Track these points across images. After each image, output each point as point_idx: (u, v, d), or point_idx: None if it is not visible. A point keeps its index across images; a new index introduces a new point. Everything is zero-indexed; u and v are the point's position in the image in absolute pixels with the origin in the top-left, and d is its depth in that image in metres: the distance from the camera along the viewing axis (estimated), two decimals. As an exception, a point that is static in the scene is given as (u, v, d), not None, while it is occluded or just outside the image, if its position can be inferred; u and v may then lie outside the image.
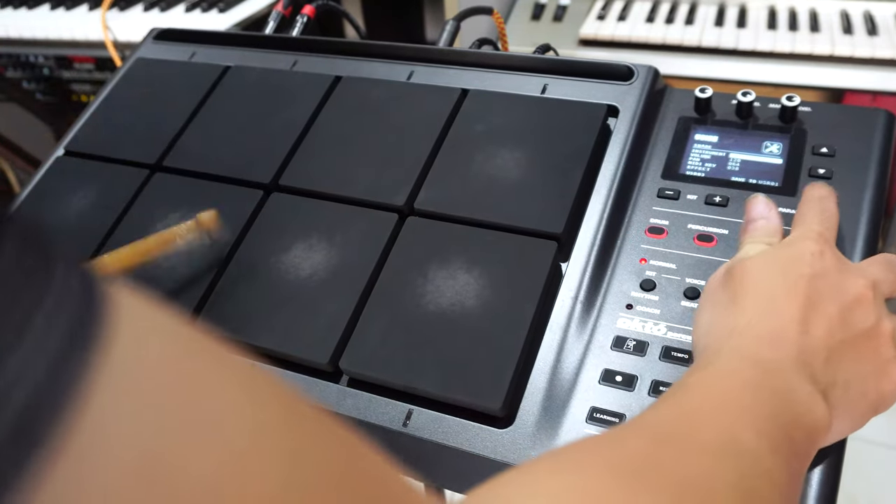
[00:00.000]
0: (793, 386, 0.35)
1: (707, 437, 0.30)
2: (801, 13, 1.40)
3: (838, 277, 0.40)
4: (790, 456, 0.32)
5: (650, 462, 0.28)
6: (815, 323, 0.37)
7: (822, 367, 0.37)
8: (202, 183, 0.61)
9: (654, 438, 0.30)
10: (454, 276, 0.50)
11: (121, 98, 0.71)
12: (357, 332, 0.49)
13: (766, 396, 0.33)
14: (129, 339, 0.15)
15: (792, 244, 0.42)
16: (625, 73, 0.59)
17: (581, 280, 0.49)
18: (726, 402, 0.33)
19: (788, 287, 0.39)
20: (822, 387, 0.36)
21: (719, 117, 0.58)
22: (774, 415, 0.33)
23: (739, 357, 0.36)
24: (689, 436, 0.31)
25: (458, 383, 0.45)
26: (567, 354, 0.47)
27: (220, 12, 1.26)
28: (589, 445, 0.31)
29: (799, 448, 0.33)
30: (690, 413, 0.33)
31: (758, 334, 0.37)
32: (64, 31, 1.25)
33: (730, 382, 0.34)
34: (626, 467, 0.28)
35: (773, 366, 0.35)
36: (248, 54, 0.70)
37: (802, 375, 0.35)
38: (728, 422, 0.31)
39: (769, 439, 0.31)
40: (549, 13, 1.52)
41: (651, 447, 0.30)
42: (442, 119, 0.59)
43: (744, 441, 0.31)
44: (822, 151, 0.54)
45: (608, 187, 0.53)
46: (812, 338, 0.37)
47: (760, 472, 0.30)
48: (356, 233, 0.54)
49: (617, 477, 0.27)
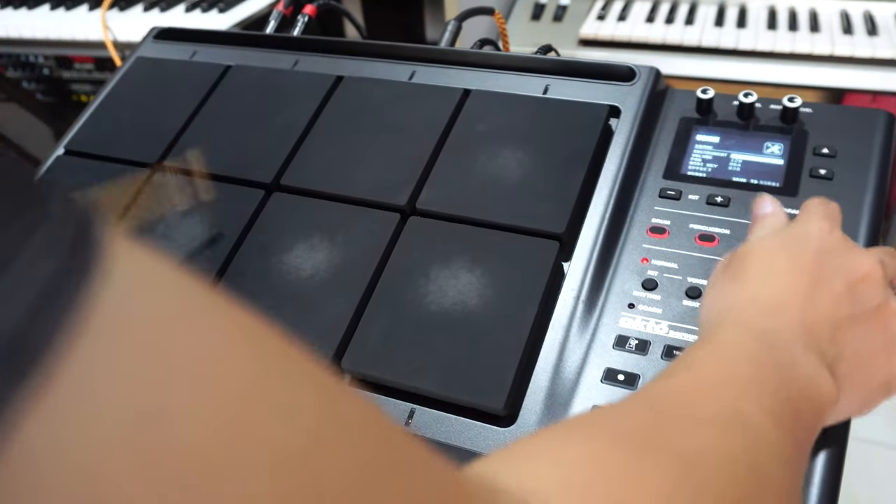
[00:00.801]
0: (796, 358, 0.34)
1: (711, 411, 0.30)
2: (801, 13, 1.40)
3: (846, 254, 0.39)
4: (796, 428, 0.32)
5: (655, 434, 0.28)
6: (820, 296, 0.37)
7: (827, 340, 0.36)
8: (202, 183, 0.61)
9: (658, 412, 0.30)
10: (456, 275, 0.50)
11: (121, 98, 0.71)
12: (359, 331, 0.49)
13: (769, 370, 0.33)
14: (123, 283, 0.15)
15: (798, 224, 0.42)
16: (626, 74, 0.59)
17: (583, 279, 0.49)
18: (729, 376, 0.33)
19: (793, 262, 0.39)
20: (828, 360, 0.35)
21: (721, 118, 0.58)
22: (778, 388, 0.32)
23: (742, 330, 0.36)
24: (692, 410, 0.31)
25: (461, 382, 0.45)
26: (569, 353, 0.47)
27: (220, 12, 1.26)
28: (597, 417, 0.32)
29: (805, 420, 0.33)
30: (693, 387, 0.32)
31: (761, 306, 0.37)
32: (64, 31, 1.25)
33: (732, 357, 0.34)
34: (633, 439, 0.28)
35: (775, 337, 0.35)
36: (249, 54, 0.70)
37: (807, 347, 0.35)
38: (731, 396, 0.31)
39: (773, 413, 0.31)
40: (549, 13, 1.52)
41: (656, 420, 0.30)
42: (444, 119, 0.59)
43: (748, 415, 0.30)
44: (823, 152, 0.54)
45: (610, 187, 0.53)
46: (817, 310, 0.36)
47: (765, 446, 0.30)
48: (358, 232, 0.54)
49: (624, 448, 0.27)
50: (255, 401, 0.16)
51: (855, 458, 0.74)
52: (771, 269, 0.39)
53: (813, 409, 0.34)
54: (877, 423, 0.39)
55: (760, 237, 0.42)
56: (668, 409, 0.31)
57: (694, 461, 0.27)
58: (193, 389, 0.15)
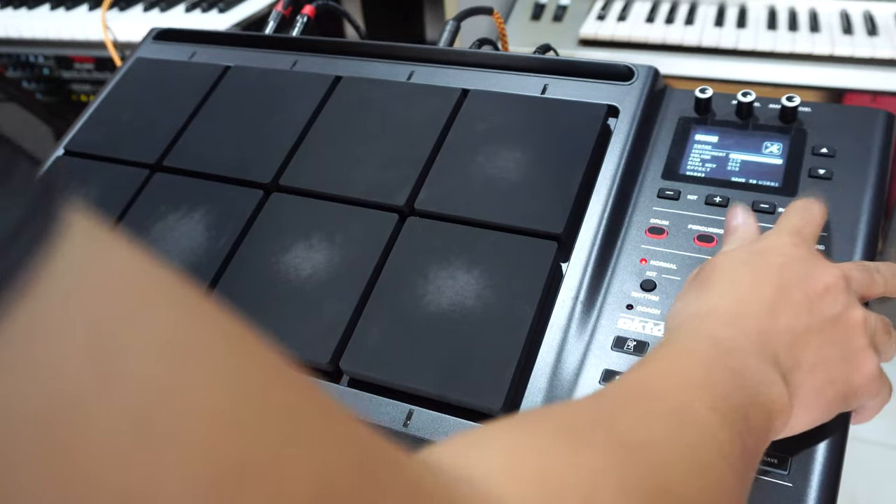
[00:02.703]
0: (749, 365, 0.35)
1: (659, 407, 0.31)
2: (801, 13, 1.40)
3: (808, 266, 0.40)
4: (744, 432, 0.32)
5: (599, 425, 0.29)
6: (780, 307, 0.38)
7: (785, 350, 0.37)
8: (202, 183, 0.61)
9: (606, 406, 0.31)
10: (454, 276, 0.50)
11: (121, 98, 0.71)
12: (357, 332, 0.49)
13: (721, 374, 0.34)
14: (79, 250, 0.15)
15: (766, 237, 0.43)
16: (625, 74, 0.59)
17: (581, 280, 0.49)
18: (682, 378, 0.33)
19: (756, 274, 0.40)
20: (784, 369, 0.36)
21: (719, 118, 0.58)
22: (729, 393, 0.33)
23: (701, 336, 0.36)
24: (641, 403, 0.31)
25: (459, 383, 0.45)
26: (567, 354, 0.47)
27: (220, 12, 1.26)
28: (544, 410, 0.33)
29: (755, 427, 0.33)
30: (645, 386, 0.33)
31: (721, 315, 0.38)
32: (64, 31, 1.25)
33: (686, 360, 0.35)
34: (574, 429, 0.28)
35: (730, 344, 0.36)
36: (248, 54, 0.70)
37: (761, 356, 0.36)
38: (682, 396, 0.32)
39: (722, 415, 0.31)
40: (549, 13, 1.52)
41: (602, 412, 0.30)
42: (442, 119, 0.59)
43: (697, 413, 0.31)
44: (822, 152, 0.54)
45: (608, 187, 0.53)
46: (776, 321, 0.37)
47: (711, 443, 0.30)
48: (356, 233, 0.54)
49: (562, 436, 0.28)
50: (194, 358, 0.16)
51: (855, 458, 0.74)
52: (734, 281, 0.40)
53: (763, 416, 0.34)
54: (877, 423, 0.39)
55: (728, 251, 0.43)
56: (617, 403, 0.31)
57: (638, 450, 0.28)
58: (145, 329, 0.15)
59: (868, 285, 0.42)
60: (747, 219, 0.46)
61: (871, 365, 0.39)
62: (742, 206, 0.48)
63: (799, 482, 0.40)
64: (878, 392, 0.40)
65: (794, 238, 0.42)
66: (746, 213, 0.47)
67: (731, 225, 0.47)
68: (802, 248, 0.42)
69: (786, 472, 0.41)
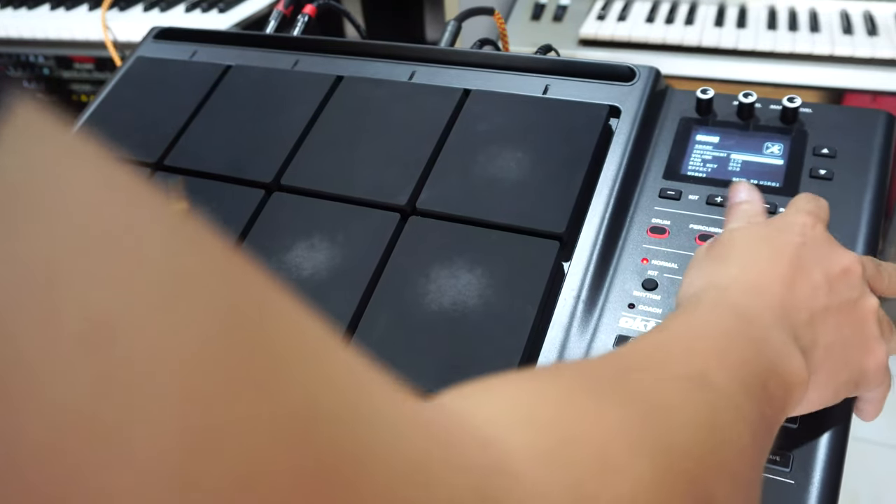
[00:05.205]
0: (770, 336, 0.35)
1: (680, 370, 0.30)
2: (801, 13, 1.40)
3: (827, 248, 0.40)
4: (763, 402, 0.32)
5: (620, 383, 0.29)
6: (799, 285, 0.38)
7: (803, 326, 0.36)
8: (203, 182, 0.61)
9: (626, 366, 0.31)
10: (456, 275, 0.50)
11: (121, 98, 0.71)
12: (359, 332, 0.49)
13: (742, 343, 0.33)
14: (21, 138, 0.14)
15: (782, 217, 0.43)
16: (626, 74, 0.59)
17: (583, 279, 0.49)
18: (702, 344, 0.33)
19: (775, 252, 0.39)
20: (802, 345, 0.36)
21: (720, 118, 0.58)
22: (749, 361, 0.33)
23: (721, 306, 0.36)
24: (661, 366, 0.31)
25: (461, 382, 0.45)
26: (569, 354, 0.47)
27: (220, 12, 1.26)
28: (563, 365, 0.32)
29: (773, 397, 0.33)
30: (665, 347, 0.33)
31: (742, 286, 0.37)
32: (64, 31, 1.25)
33: (708, 325, 0.35)
34: (592, 384, 0.28)
35: (752, 314, 0.35)
36: (249, 54, 0.70)
37: (782, 328, 0.35)
38: (702, 360, 0.31)
39: (741, 382, 0.31)
40: (549, 13, 1.52)
41: (622, 372, 0.30)
42: (444, 119, 0.59)
43: (717, 378, 0.30)
44: (823, 152, 0.54)
45: (610, 187, 0.53)
46: (795, 297, 0.37)
47: (729, 408, 0.30)
48: (358, 232, 0.54)
49: (580, 389, 0.27)
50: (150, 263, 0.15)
51: (855, 457, 0.74)
52: (754, 255, 0.39)
53: (782, 387, 0.34)
54: (877, 422, 0.39)
55: (744, 226, 0.43)
56: (636, 363, 0.31)
57: (657, 411, 0.27)
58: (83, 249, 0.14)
59: (876, 279, 0.42)
60: (752, 195, 0.46)
61: (882, 353, 0.39)
62: (745, 183, 0.47)
63: (801, 479, 0.40)
64: (882, 382, 0.40)
65: (811, 218, 0.42)
66: (751, 190, 0.46)
67: (734, 201, 0.46)
68: (819, 228, 0.41)
69: (787, 469, 0.41)
